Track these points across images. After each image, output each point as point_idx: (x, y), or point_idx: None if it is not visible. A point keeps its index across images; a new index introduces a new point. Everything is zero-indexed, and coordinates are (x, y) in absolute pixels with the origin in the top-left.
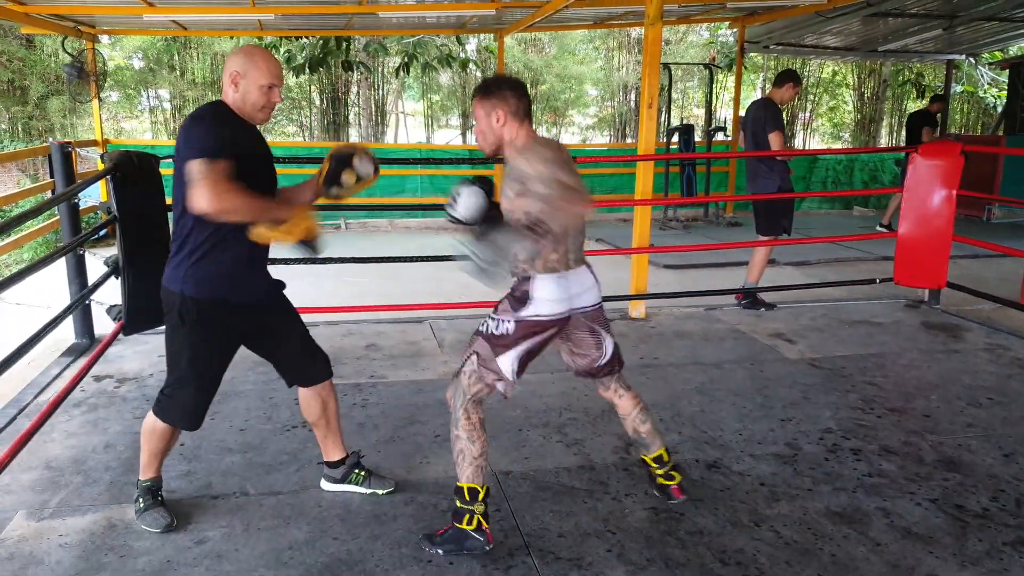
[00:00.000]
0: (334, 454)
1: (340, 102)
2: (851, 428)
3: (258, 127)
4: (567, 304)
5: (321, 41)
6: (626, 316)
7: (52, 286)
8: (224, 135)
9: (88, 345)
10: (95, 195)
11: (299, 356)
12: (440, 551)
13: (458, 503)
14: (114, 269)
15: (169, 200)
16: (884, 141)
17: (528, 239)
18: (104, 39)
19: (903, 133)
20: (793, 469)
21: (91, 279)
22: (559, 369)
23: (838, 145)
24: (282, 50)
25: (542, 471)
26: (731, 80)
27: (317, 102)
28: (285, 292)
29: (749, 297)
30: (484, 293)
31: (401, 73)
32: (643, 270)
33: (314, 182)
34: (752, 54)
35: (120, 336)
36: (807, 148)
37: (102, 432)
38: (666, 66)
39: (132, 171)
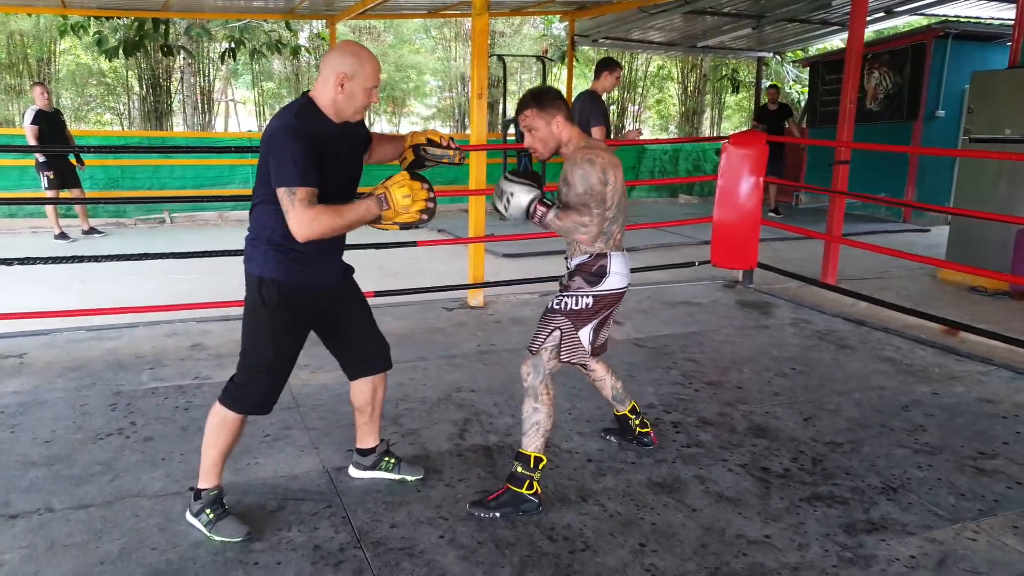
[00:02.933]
0: (368, 441)
1: (162, 89)
2: (672, 402)
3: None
4: (627, 278)
5: (136, 23)
6: (465, 305)
7: None
8: (308, 154)
9: None
10: None
11: (365, 344)
12: (497, 514)
13: (520, 469)
14: None
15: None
16: (706, 131)
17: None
18: None
19: (724, 125)
20: (618, 444)
21: None
22: (396, 361)
23: (665, 136)
24: (91, 31)
25: None
26: (565, 72)
27: (136, 88)
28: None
29: None
30: None
31: (227, 59)
32: (480, 259)
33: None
34: (583, 47)
35: None
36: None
37: None
38: (500, 58)
39: None
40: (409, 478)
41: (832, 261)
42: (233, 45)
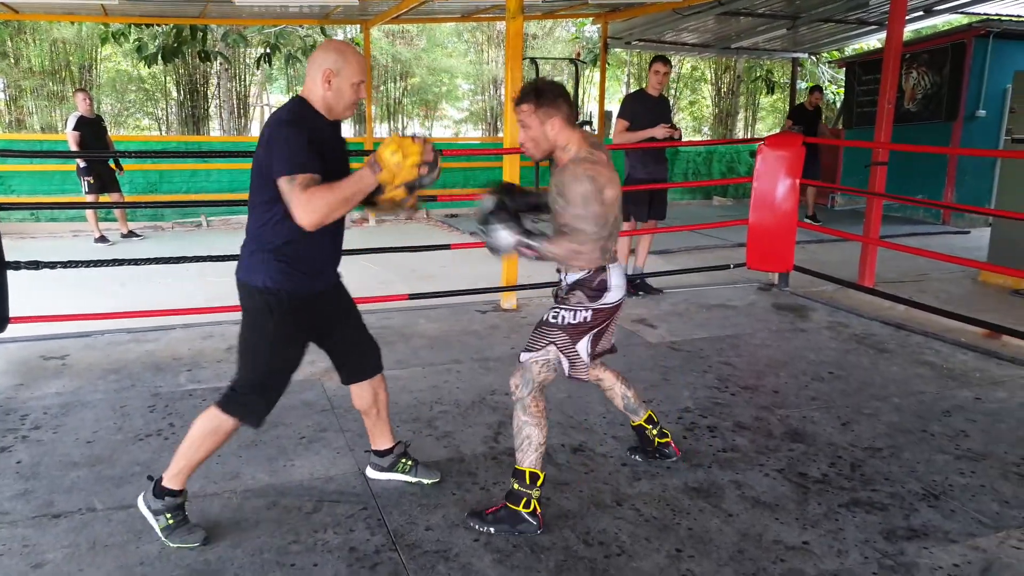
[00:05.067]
0: (382, 443)
1: (199, 94)
2: (708, 407)
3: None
4: (624, 290)
5: (175, 29)
6: (498, 308)
7: None
8: (305, 143)
9: None
10: None
11: (358, 347)
12: (492, 529)
13: (516, 486)
14: None
15: (15, 198)
16: (740, 133)
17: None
18: None
19: (758, 126)
20: (647, 462)
21: None
22: (431, 363)
23: (698, 138)
24: (131, 38)
25: None
26: (598, 75)
27: (174, 94)
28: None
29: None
30: (354, 290)
31: (263, 64)
32: (514, 262)
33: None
34: (616, 50)
35: None
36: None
37: None
38: (533, 61)
39: None
40: (425, 481)
41: (869, 264)
42: (268, 50)
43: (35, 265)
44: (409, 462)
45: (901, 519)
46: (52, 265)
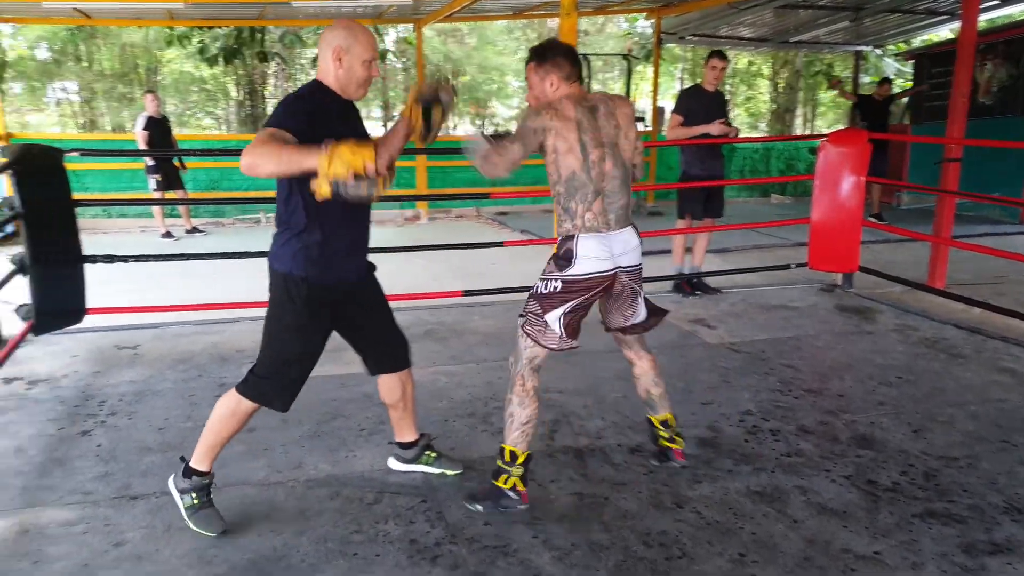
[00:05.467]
0: (407, 436)
1: (257, 94)
2: (770, 409)
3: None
4: (611, 262)
5: (235, 32)
6: None
7: None
8: (295, 114)
9: None
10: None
11: (386, 342)
12: (480, 507)
13: (499, 462)
14: (21, 267)
15: (89, 195)
16: (799, 130)
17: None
18: (3, 27)
19: (818, 122)
20: (714, 451)
21: None
22: (485, 359)
23: (755, 134)
24: (194, 40)
25: (467, 461)
26: (651, 71)
27: (233, 94)
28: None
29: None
30: (407, 287)
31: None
32: None
33: (402, 127)
34: (669, 45)
35: (30, 336)
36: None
37: (12, 436)
38: (585, 57)
39: (34, 165)
40: (449, 472)
41: (940, 264)
42: None
43: (110, 259)
44: (433, 454)
45: (982, 532)
46: (125, 259)
